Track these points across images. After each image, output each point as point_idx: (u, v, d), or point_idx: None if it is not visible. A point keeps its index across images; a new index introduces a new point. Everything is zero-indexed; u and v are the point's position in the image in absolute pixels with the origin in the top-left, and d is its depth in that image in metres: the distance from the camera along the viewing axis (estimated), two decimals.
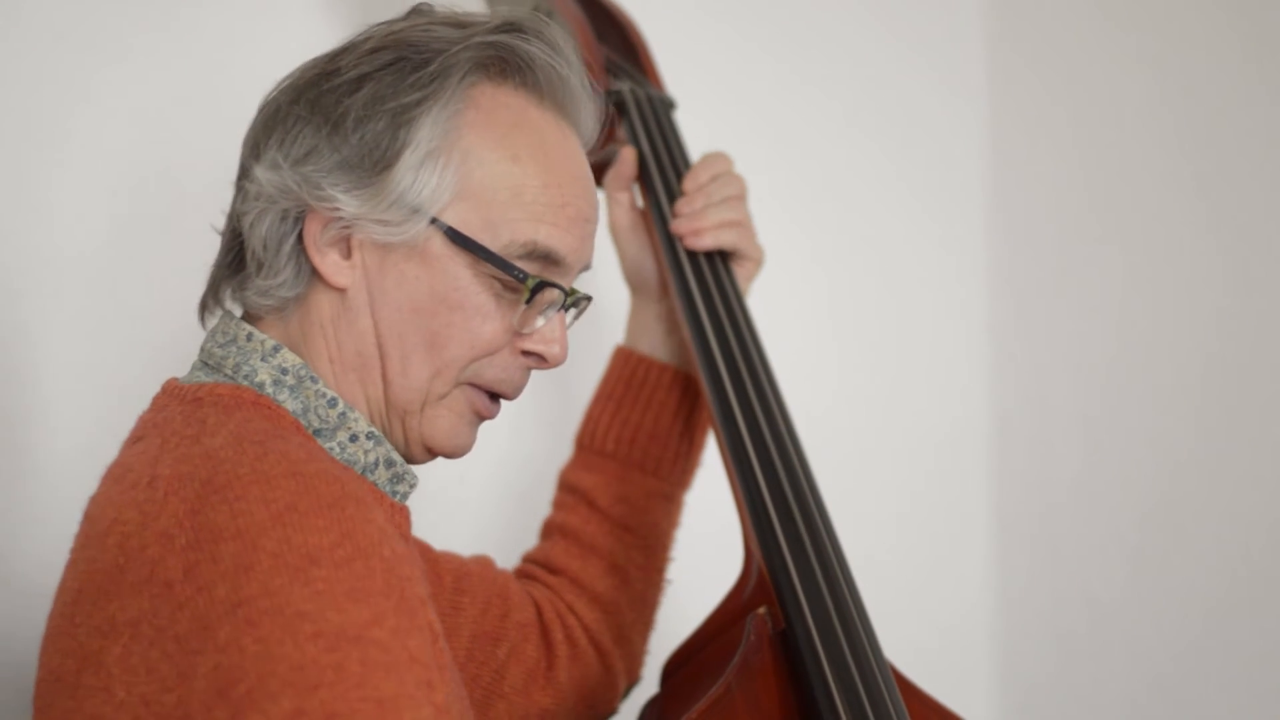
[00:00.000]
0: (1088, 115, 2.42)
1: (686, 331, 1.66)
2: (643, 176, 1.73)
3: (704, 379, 1.63)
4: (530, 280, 1.34)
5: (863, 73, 2.50)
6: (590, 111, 1.41)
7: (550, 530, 1.74)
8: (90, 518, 1.27)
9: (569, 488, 1.73)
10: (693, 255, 1.69)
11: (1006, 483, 2.52)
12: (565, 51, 1.38)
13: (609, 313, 1.94)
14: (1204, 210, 2.27)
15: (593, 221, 1.40)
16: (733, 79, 2.36)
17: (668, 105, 1.79)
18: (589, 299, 1.42)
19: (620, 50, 1.85)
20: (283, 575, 1.14)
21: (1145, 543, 2.33)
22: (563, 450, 1.80)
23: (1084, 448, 2.42)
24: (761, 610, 1.49)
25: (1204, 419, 2.26)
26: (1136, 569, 2.33)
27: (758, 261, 1.71)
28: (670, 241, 1.69)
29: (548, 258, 1.36)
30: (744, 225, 1.69)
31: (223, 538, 1.16)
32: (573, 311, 1.42)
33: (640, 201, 1.75)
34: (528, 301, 1.35)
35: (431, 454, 1.40)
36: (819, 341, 2.43)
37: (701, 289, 1.67)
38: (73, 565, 1.26)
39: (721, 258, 1.70)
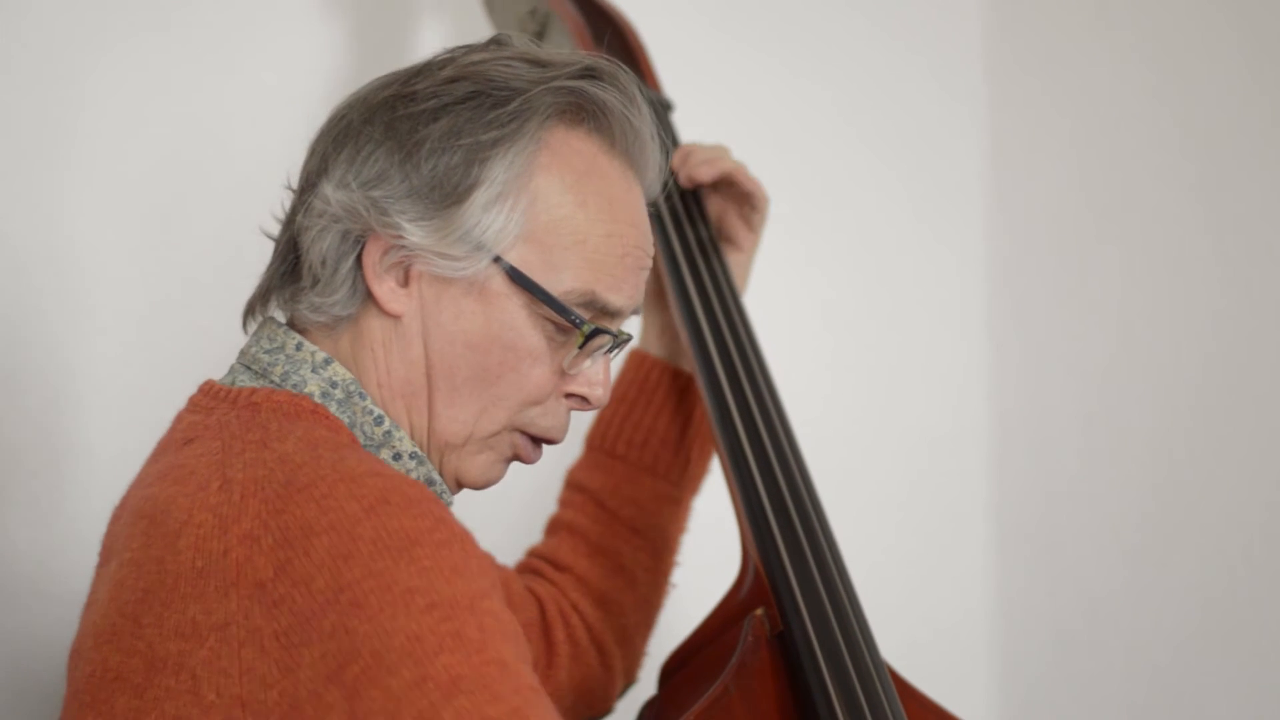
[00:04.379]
0: (1086, 115, 2.43)
1: (683, 331, 1.66)
2: None
3: (700, 378, 1.63)
4: (586, 326, 1.34)
5: (861, 74, 2.50)
6: (657, 162, 1.40)
7: (557, 527, 1.74)
8: (149, 517, 1.24)
9: (577, 487, 1.74)
10: (690, 258, 1.69)
11: (1005, 482, 2.52)
12: (639, 101, 1.37)
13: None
14: (1203, 210, 2.27)
15: (648, 268, 1.39)
16: (730, 81, 2.36)
17: (665, 107, 1.80)
18: (630, 337, 1.42)
19: (618, 52, 1.85)
20: (385, 557, 1.14)
21: (1144, 542, 2.33)
22: (575, 454, 1.80)
23: (1082, 447, 2.42)
24: (759, 611, 1.49)
25: (1203, 419, 2.26)
26: (1135, 568, 2.33)
27: (763, 203, 1.71)
28: (665, 243, 1.69)
29: (604, 309, 1.36)
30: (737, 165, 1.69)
31: (314, 532, 1.16)
32: (614, 351, 1.42)
33: None
34: (580, 346, 1.35)
35: (459, 488, 1.40)
36: (817, 342, 2.43)
37: (699, 288, 1.68)
38: (135, 565, 1.23)
39: (718, 257, 1.70)
